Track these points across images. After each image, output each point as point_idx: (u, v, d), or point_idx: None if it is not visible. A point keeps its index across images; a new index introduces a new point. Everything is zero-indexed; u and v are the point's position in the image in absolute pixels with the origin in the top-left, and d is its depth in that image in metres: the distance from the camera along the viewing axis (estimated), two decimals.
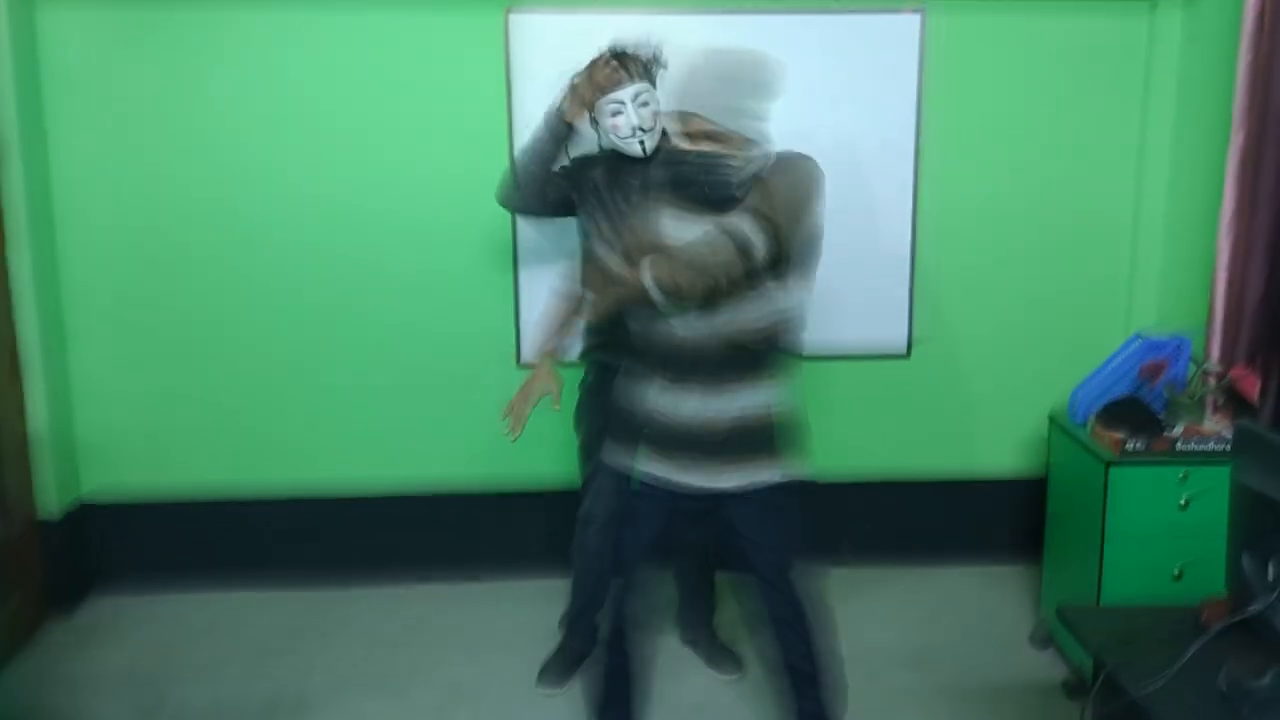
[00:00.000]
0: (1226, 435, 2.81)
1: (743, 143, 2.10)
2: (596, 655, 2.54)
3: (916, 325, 3.67)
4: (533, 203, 2.90)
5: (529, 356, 3.55)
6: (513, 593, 3.68)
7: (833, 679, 2.45)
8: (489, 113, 3.41)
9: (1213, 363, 3.01)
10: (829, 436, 3.28)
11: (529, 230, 3.43)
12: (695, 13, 3.36)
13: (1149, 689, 1.75)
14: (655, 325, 2.25)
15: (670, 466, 2.30)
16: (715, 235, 2.09)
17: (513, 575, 3.76)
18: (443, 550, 3.76)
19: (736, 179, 2.10)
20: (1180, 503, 2.79)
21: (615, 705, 2.51)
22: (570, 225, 3.00)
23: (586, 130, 2.84)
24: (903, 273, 3.62)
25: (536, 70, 3.34)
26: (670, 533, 2.44)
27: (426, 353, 3.60)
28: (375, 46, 3.39)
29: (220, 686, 3.09)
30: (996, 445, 3.81)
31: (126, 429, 3.59)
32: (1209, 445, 2.81)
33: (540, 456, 3.60)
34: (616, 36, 2.81)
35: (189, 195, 3.45)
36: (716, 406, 2.22)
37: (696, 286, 2.07)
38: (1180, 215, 3.48)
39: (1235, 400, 2.91)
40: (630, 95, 2.69)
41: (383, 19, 3.37)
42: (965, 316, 3.70)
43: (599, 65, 2.73)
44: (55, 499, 3.46)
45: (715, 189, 2.12)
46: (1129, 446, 2.82)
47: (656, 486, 2.32)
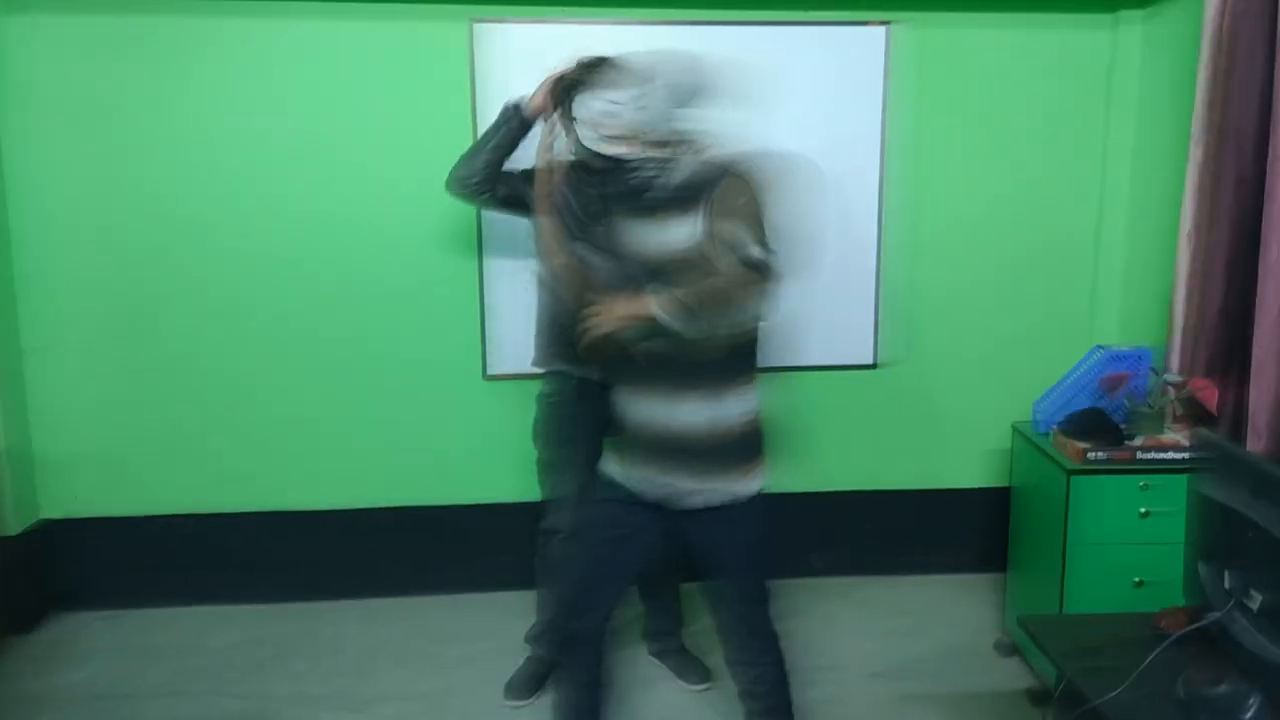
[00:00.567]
0: (1187, 445, 2.85)
1: (672, 144, 2.10)
2: (563, 668, 2.52)
3: (882, 339, 3.69)
4: (478, 188, 2.88)
5: (495, 368, 3.56)
6: (477, 606, 3.66)
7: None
8: (453, 124, 3.39)
9: (1173, 374, 3.04)
10: (795, 448, 3.28)
11: (495, 240, 3.42)
12: (662, 23, 3.37)
13: (1108, 696, 1.77)
14: (627, 334, 2.24)
15: (638, 476, 2.28)
16: (731, 265, 2.04)
17: (476, 589, 3.74)
18: (405, 564, 3.74)
19: (674, 179, 2.10)
20: (1141, 512, 2.83)
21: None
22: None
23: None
24: (868, 286, 3.64)
25: (501, 80, 3.34)
26: (635, 547, 2.40)
27: (391, 366, 3.58)
28: (338, 56, 3.37)
29: (183, 704, 3.05)
30: (963, 456, 3.84)
31: (86, 446, 3.55)
32: (1169, 455, 2.85)
33: (502, 469, 3.59)
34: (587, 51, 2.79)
35: (149, 211, 3.41)
36: (686, 416, 2.21)
37: (724, 316, 2.04)
38: (1141, 229, 3.53)
39: (1195, 411, 2.94)
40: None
41: (345, 28, 3.35)
42: (930, 328, 3.73)
43: (595, 65, 2.72)
44: (14, 517, 3.41)
45: (658, 190, 2.13)
46: (1091, 456, 2.85)
47: (620, 496, 2.31)
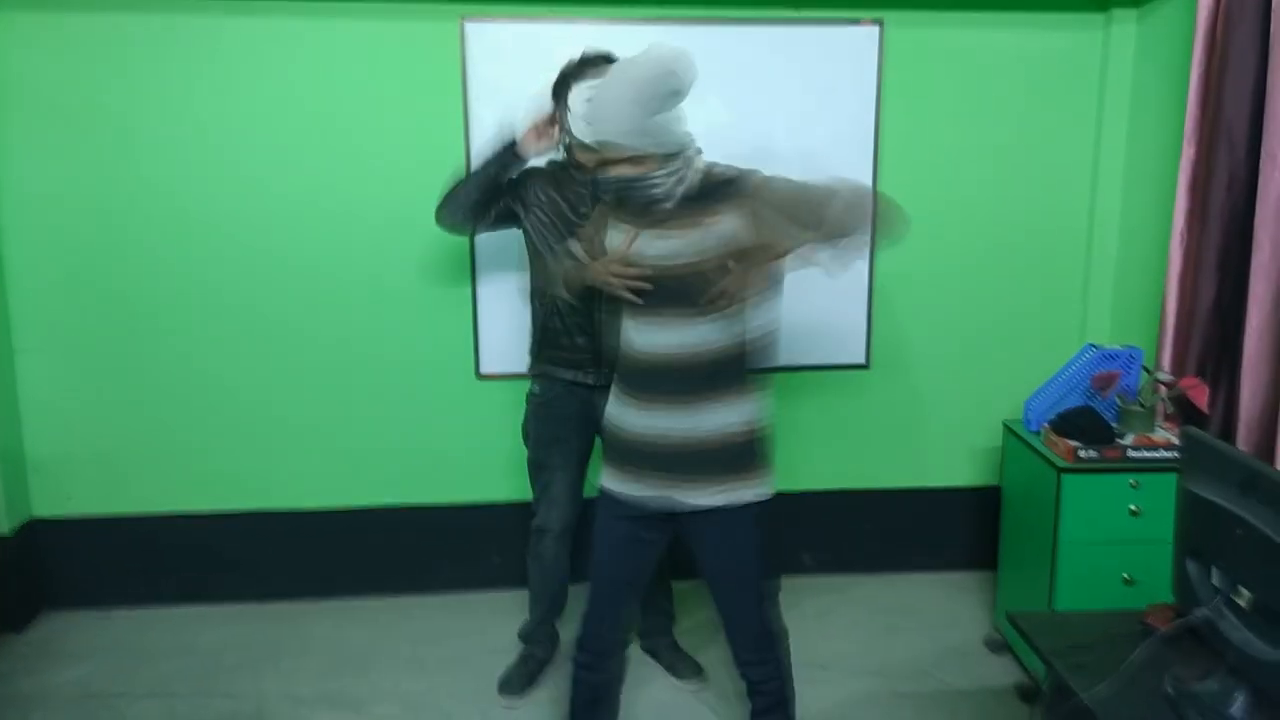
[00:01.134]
0: (1177, 443, 2.85)
1: (660, 160, 2.13)
2: (581, 682, 2.47)
3: (875, 338, 3.70)
4: (470, 224, 2.96)
5: (487, 368, 3.56)
6: (468, 605, 3.66)
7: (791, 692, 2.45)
8: (445, 122, 3.39)
9: (1164, 372, 3.06)
10: (787, 448, 3.30)
11: (487, 240, 3.41)
12: (652, 22, 3.37)
13: (1096, 692, 1.77)
14: (628, 340, 2.25)
15: (637, 484, 2.26)
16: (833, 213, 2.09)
17: (467, 588, 3.74)
18: (398, 563, 3.73)
19: (662, 193, 2.14)
20: (1131, 510, 2.83)
21: None
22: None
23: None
24: (860, 285, 3.64)
25: (492, 78, 3.34)
26: (646, 557, 2.38)
27: (382, 366, 3.57)
28: (329, 55, 3.36)
29: (175, 703, 3.05)
30: (954, 454, 3.85)
31: (77, 446, 3.54)
32: (1160, 453, 2.86)
33: (494, 469, 3.60)
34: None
35: (139, 212, 3.40)
36: (686, 424, 2.20)
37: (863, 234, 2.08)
38: (1133, 227, 3.54)
39: (1186, 409, 2.95)
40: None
41: (335, 26, 3.34)
42: (922, 327, 3.73)
43: (593, 60, 2.72)
44: (5, 516, 3.40)
45: (648, 202, 2.16)
46: (1081, 454, 2.86)
47: (621, 503, 2.30)
